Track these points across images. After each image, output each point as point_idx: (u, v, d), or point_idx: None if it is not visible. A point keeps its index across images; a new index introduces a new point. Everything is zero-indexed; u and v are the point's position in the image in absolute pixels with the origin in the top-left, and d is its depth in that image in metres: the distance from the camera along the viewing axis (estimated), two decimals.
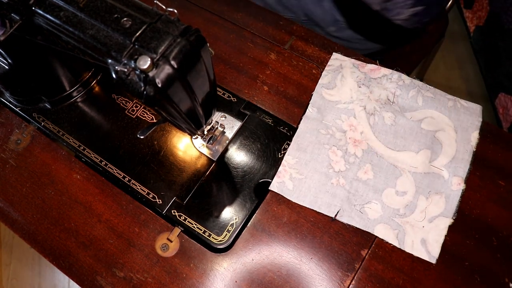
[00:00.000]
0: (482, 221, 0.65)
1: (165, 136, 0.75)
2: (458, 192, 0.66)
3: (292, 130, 0.74)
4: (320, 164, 0.69)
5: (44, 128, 0.76)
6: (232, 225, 0.67)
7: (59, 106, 0.78)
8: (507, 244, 0.63)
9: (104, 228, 0.67)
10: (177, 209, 0.68)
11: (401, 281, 0.61)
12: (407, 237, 0.64)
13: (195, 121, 0.60)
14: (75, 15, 0.51)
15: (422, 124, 0.71)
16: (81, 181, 0.71)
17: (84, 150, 0.74)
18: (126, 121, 0.76)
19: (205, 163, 0.72)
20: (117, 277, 0.64)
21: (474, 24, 1.73)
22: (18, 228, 0.69)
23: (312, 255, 0.64)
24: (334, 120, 0.73)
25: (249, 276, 0.63)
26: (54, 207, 0.69)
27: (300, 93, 0.77)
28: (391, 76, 0.75)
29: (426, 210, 0.65)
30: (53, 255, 0.67)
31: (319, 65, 0.79)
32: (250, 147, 0.73)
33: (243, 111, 0.76)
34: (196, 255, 0.65)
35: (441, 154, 0.69)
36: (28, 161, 0.74)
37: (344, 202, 0.66)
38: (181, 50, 0.47)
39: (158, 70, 0.46)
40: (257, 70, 0.80)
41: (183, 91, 0.51)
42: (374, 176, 0.68)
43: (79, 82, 0.79)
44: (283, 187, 0.68)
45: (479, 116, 0.71)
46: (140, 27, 0.48)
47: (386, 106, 0.73)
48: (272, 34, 0.83)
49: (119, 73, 0.47)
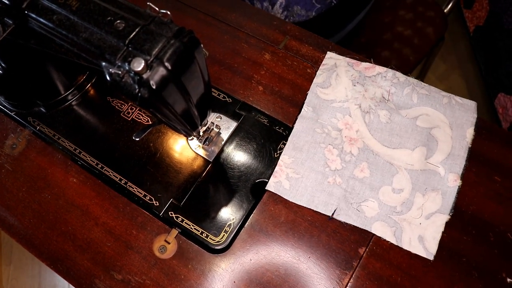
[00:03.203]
0: (478, 217, 0.65)
1: (161, 138, 0.75)
2: (455, 189, 0.66)
3: (287, 130, 0.74)
4: (316, 163, 0.69)
5: (40, 132, 0.76)
6: (229, 226, 0.67)
7: (54, 110, 0.78)
8: (504, 239, 0.63)
9: (101, 231, 0.67)
10: (174, 210, 0.68)
11: (399, 278, 0.62)
12: (405, 235, 0.64)
13: (190, 123, 0.60)
14: (68, 18, 0.51)
15: (418, 121, 0.71)
16: (78, 184, 0.71)
17: (80, 153, 0.74)
18: (121, 123, 0.76)
19: (202, 164, 0.72)
20: (115, 280, 0.64)
21: (474, 24, 1.73)
22: (15, 233, 0.69)
23: (310, 254, 0.64)
24: (329, 119, 0.73)
25: (248, 276, 0.63)
26: (50, 211, 0.69)
27: (295, 92, 0.77)
28: (386, 74, 0.75)
29: (423, 207, 0.65)
30: (50, 259, 0.66)
31: (313, 64, 0.79)
32: (246, 147, 0.73)
33: (239, 111, 0.76)
34: (194, 256, 0.65)
35: (436, 151, 0.69)
36: (24, 166, 0.73)
37: (341, 201, 0.66)
38: (175, 52, 0.47)
39: (152, 72, 0.46)
40: (251, 70, 0.80)
41: (178, 92, 0.51)
42: (371, 174, 0.68)
43: (73, 85, 0.79)
44: (280, 187, 0.68)
45: (474, 113, 0.72)
46: (133, 29, 0.48)
47: (381, 104, 0.73)
48: (266, 34, 0.83)
49: (113, 75, 0.47)
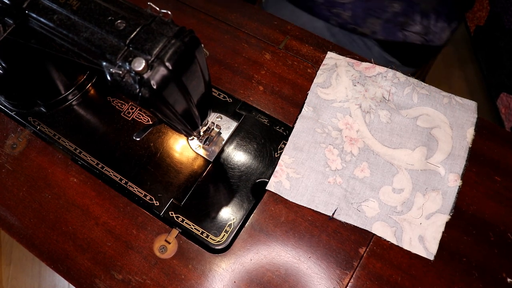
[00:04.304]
0: (479, 217, 0.65)
1: (161, 138, 0.75)
2: (455, 189, 0.66)
3: (288, 130, 0.74)
4: (316, 163, 0.69)
5: (40, 131, 0.76)
6: (230, 226, 0.67)
7: (55, 110, 0.78)
8: (504, 239, 0.63)
9: (102, 231, 0.67)
10: (174, 210, 0.68)
11: (399, 278, 0.62)
12: (405, 234, 0.64)
13: (191, 122, 0.60)
14: (69, 18, 0.51)
15: (418, 121, 0.71)
16: (78, 184, 0.71)
17: (80, 153, 0.74)
18: (121, 123, 0.76)
19: (202, 164, 0.72)
20: (115, 280, 0.64)
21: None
22: (16, 233, 0.69)
23: (310, 254, 0.64)
24: (330, 119, 0.73)
25: (248, 276, 0.63)
26: (51, 210, 0.69)
27: (295, 92, 0.77)
28: (386, 74, 0.75)
29: (423, 207, 0.65)
30: (51, 259, 0.66)
31: (314, 64, 0.79)
32: (247, 147, 0.73)
33: (239, 111, 0.76)
34: (195, 256, 0.65)
35: (437, 151, 0.69)
36: (24, 165, 0.73)
37: (341, 201, 0.66)
38: (175, 52, 0.47)
39: (153, 71, 0.46)
40: (252, 70, 0.80)
41: (178, 92, 0.51)
42: (371, 174, 0.68)
43: (74, 85, 0.79)
44: (280, 187, 0.68)
45: (474, 113, 0.72)
46: (134, 29, 0.48)
47: (381, 104, 0.73)
48: (266, 34, 0.83)
49: (114, 75, 0.47)
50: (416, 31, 1.03)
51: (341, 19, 1.06)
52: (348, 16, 1.04)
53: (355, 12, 1.03)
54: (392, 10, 0.99)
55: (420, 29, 1.03)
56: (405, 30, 1.03)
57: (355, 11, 1.02)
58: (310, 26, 1.10)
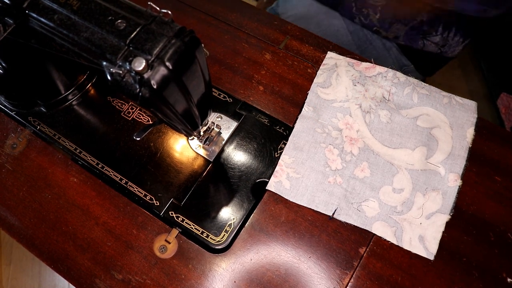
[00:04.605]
0: (479, 217, 0.65)
1: (161, 138, 0.75)
2: (455, 189, 0.66)
3: (288, 130, 0.74)
4: (316, 163, 0.69)
5: (40, 131, 0.76)
6: (230, 226, 0.67)
7: (55, 110, 0.78)
8: (504, 239, 0.63)
9: (102, 230, 0.67)
10: (174, 210, 0.68)
11: (399, 278, 0.62)
12: (405, 234, 0.64)
13: (191, 122, 0.60)
14: (69, 18, 0.51)
15: (418, 121, 0.71)
16: (78, 184, 0.71)
17: (81, 153, 0.74)
18: (122, 123, 0.76)
19: (202, 164, 0.72)
20: (115, 280, 0.64)
21: None
22: (16, 233, 0.69)
23: (311, 254, 0.64)
24: (330, 118, 0.73)
25: (248, 276, 0.63)
26: (51, 210, 0.69)
27: (295, 92, 0.77)
28: (386, 74, 0.75)
29: (423, 207, 0.65)
30: (51, 259, 0.66)
31: (314, 64, 0.79)
32: (247, 147, 0.73)
33: (239, 111, 0.76)
34: (195, 256, 0.65)
35: (437, 151, 0.69)
36: (24, 165, 0.73)
37: (342, 201, 0.66)
38: (176, 51, 0.47)
39: (153, 71, 0.46)
40: (252, 70, 0.80)
41: (179, 92, 0.51)
42: (371, 174, 0.68)
43: (74, 85, 0.79)
44: (280, 187, 0.68)
45: (474, 113, 0.72)
46: (134, 29, 0.48)
47: (381, 104, 0.73)
48: (266, 34, 0.83)
49: (114, 75, 0.47)
50: (435, 41, 1.06)
51: (368, 20, 1.07)
52: (376, 18, 1.05)
53: (384, 16, 1.04)
54: (420, 18, 1.01)
55: (439, 40, 1.05)
56: (426, 39, 1.06)
57: (384, 14, 1.04)
58: (326, 22, 1.10)
